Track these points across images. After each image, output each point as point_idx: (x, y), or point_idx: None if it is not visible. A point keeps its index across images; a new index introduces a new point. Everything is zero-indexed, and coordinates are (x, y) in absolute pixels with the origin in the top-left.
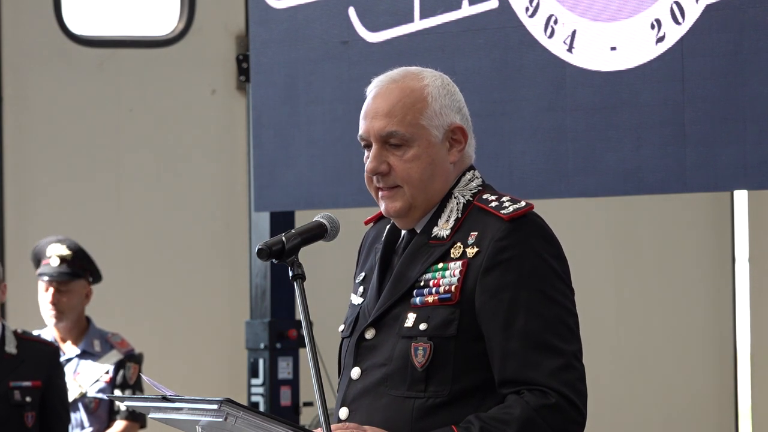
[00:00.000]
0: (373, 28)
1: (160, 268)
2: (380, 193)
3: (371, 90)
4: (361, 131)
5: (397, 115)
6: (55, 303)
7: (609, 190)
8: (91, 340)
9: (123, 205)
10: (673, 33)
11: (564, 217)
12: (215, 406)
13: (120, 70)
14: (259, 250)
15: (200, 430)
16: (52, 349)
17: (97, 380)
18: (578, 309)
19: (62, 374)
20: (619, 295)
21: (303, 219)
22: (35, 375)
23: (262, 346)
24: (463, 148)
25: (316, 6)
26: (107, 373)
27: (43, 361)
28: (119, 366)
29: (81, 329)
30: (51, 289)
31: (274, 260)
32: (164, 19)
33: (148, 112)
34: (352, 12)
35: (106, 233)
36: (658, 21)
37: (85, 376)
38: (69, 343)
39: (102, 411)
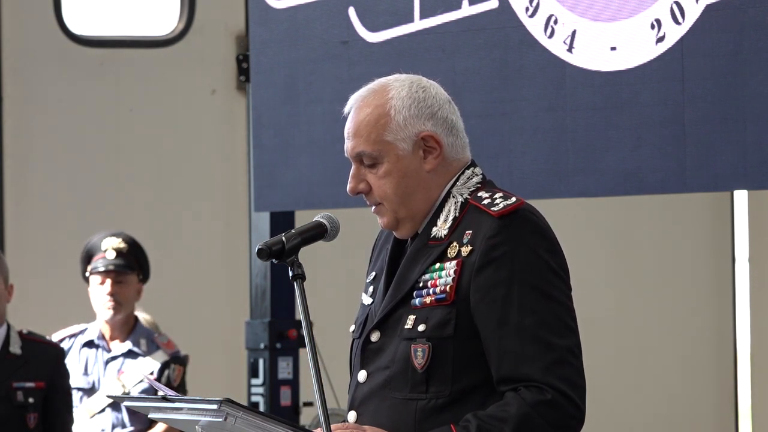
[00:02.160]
0: (373, 28)
1: (160, 268)
2: (372, 209)
3: (347, 109)
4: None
5: (363, 135)
6: (113, 294)
7: (609, 190)
8: (138, 338)
9: (123, 205)
10: (673, 33)
11: (564, 217)
12: (215, 406)
13: (120, 70)
14: (259, 250)
15: (200, 430)
16: (57, 350)
17: (141, 380)
18: (577, 309)
19: (66, 375)
20: (619, 295)
21: (303, 219)
22: (38, 376)
23: (262, 346)
24: (439, 154)
25: (316, 6)
26: (152, 373)
27: (47, 362)
28: (164, 367)
29: (129, 327)
30: (108, 281)
31: (274, 260)
32: (164, 19)
33: (148, 112)
34: (352, 12)
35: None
36: (658, 21)
37: (129, 376)
38: (116, 341)
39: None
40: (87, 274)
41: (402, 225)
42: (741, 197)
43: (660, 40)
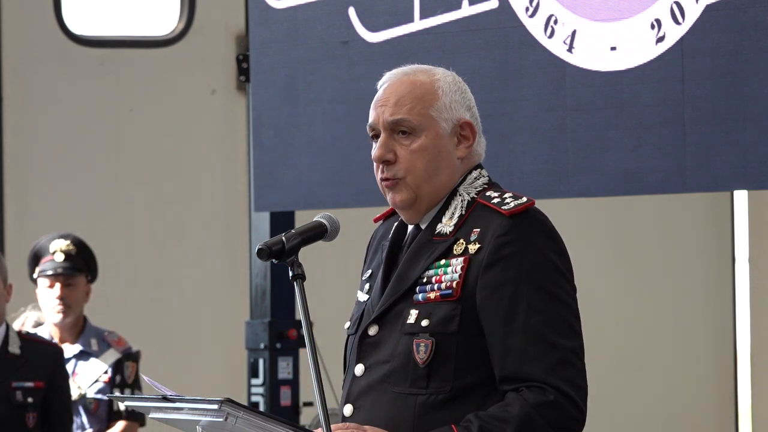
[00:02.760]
0: (373, 28)
1: (159, 268)
2: (384, 183)
3: (383, 83)
4: (370, 120)
5: (407, 104)
6: (63, 297)
7: (609, 190)
8: (88, 339)
9: (123, 204)
10: (673, 33)
11: (564, 217)
12: (215, 406)
13: (120, 70)
14: (259, 250)
15: (200, 430)
16: (56, 350)
17: (96, 380)
18: (579, 308)
19: (65, 375)
20: (619, 295)
21: (303, 219)
22: (38, 376)
23: (262, 346)
24: (471, 145)
25: (316, 6)
26: (106, 373)
27: (46, 361)
28: (117, 365)
29: (79, 328)
30: (58, 284)
31: (274, 260)
32: (164, 19)
33: (148, 112)
34: (352, 12)
35: (106, 233)
36: (658, 21)
37: (83, 377)
38: (67, 344)
39: (102, 411)
40: (35, 276)
41: (417, 205)
42: (741, 197)
43: (660, 40)
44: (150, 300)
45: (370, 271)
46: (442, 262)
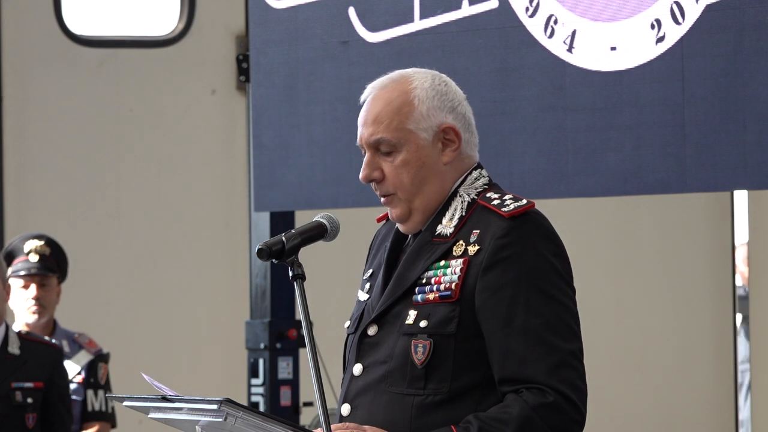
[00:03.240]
0: (373, 28)
1: (159, 268)
2: (381, 200)
3: (363, 98)
4: (357, 138)
5: (384, 122)
6: (38, 298)
7: (609, 190)
8: (60, 340)
9: (123, 205)
10: (673, 33)
11: (564, 217)
12: (215, 406)
13: (120, 70)
14: (259, 250)
15: (200, 430)
16: (55, 351)
17: (70, 381)
18: (578, 309)
19: (65, 375)
20: (619, 295)
21: (303, 219)
22: (37, 376)
23: (262, 346)
24: (457, 148)
25: (316, 6)
26: (79, 374)
27: (46, 362)
28: (91, 366)
29: (50, 330)
30: (33, 285)
31: (274, 260)
32: (164, 19)
33: (148, 112)
34: (352, 12)
35: (106, 233)
36: (658, 21)
37: None
38: None
39: (75, 412)
40: (7, 276)
41: (413, 217)
42: (741, 197)
43: (660, 40)
44: (150, 300)
45: (371, 270)
46: (442, 263)
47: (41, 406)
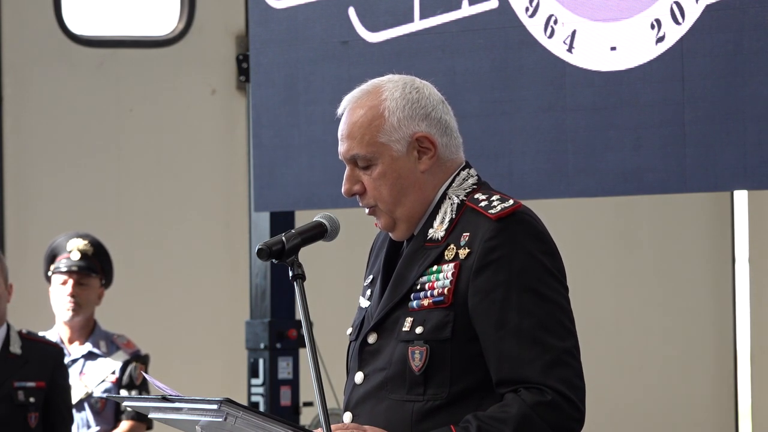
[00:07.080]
0: (373, 28)
1: (160, 268)
2: (366, 211)
3: (340, 111)
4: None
5: (356, 137)
6: (74, 295)
7: (609, 190)
8: (97, 340)
9: (123, 205)
10: (673, 33)
11: (564, 217)
12: (215, 406)
13: (120, 70)
14: (259, 250)
15: (200, 430)
16: (57, 350)
17: (103, 380)
18: (578, 309)
19: (66, 375)
20: (619, 295)
21: (303, 219)
22: (39, 376)
23: (262, 346)
24: (434, 155)
25: (316, 6)
26: (113, 373)
27: (48, 361)
28: (125, 366)
29: (89, 330)
30: (71, 282)
31: (274, 260)
32: (164, 19)
33: (148, 112)
34: (352, 12)
35: (106, 233)
36: (658, 21)
37: (90, 377)
38: (76, 344)
39: (108, 411)
40: (49, 273)
41: (398, 226)
42: (741, 197)
43: (660, 40)
44: (150, 300)
45: (371, 276)
46: (434, 268)
47: (43, 405)
